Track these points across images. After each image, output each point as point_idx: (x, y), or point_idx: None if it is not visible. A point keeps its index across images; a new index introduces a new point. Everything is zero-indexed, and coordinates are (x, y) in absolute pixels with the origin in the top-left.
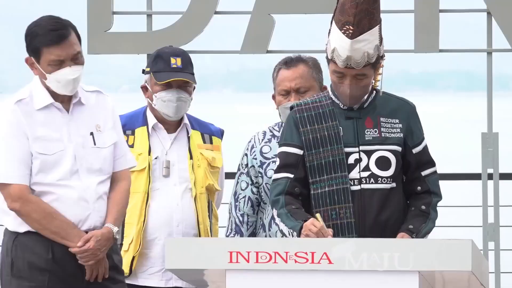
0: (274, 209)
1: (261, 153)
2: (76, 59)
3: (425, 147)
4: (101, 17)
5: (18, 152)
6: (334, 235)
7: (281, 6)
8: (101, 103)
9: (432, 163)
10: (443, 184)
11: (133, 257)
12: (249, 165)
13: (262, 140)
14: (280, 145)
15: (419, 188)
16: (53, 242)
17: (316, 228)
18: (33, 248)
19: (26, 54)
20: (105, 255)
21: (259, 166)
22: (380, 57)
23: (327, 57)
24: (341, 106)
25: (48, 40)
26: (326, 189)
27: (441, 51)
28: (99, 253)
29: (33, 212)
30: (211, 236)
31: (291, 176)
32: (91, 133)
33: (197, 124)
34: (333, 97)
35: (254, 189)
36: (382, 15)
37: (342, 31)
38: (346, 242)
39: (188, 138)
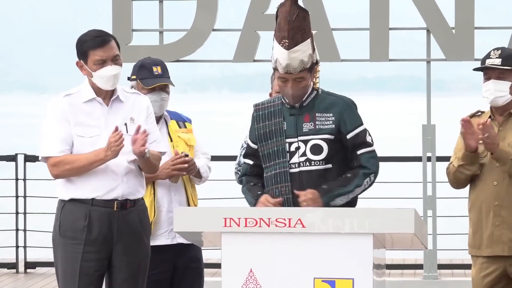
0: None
1: None
2: (116, 60)
3: (361, 132)
4: (123, 33)
5: (60, 132)
6: None
7: (264, 24)
8: (138, 101)
9: (367, 144)
10: (392, 165)
11: (151, 223)
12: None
13: None
14: (248, 137)
15: (354, 164)
16: (90, 209)
17: (271, 204)
18: (75, 213)
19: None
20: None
21: None
22: (315, 63)
23: (273, 67)
24: (287, 106)
25: (94, 44)
26: (272, 172)
27: (390, 60)
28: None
29: (66, 165)
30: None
31: (251, 162)
32: (125, 124)
33: (173, 115)
34: (283, 99)
35: None
36: (344, 33)
37: (281, 44)
38: (316, 210)
39: (167, 126)
